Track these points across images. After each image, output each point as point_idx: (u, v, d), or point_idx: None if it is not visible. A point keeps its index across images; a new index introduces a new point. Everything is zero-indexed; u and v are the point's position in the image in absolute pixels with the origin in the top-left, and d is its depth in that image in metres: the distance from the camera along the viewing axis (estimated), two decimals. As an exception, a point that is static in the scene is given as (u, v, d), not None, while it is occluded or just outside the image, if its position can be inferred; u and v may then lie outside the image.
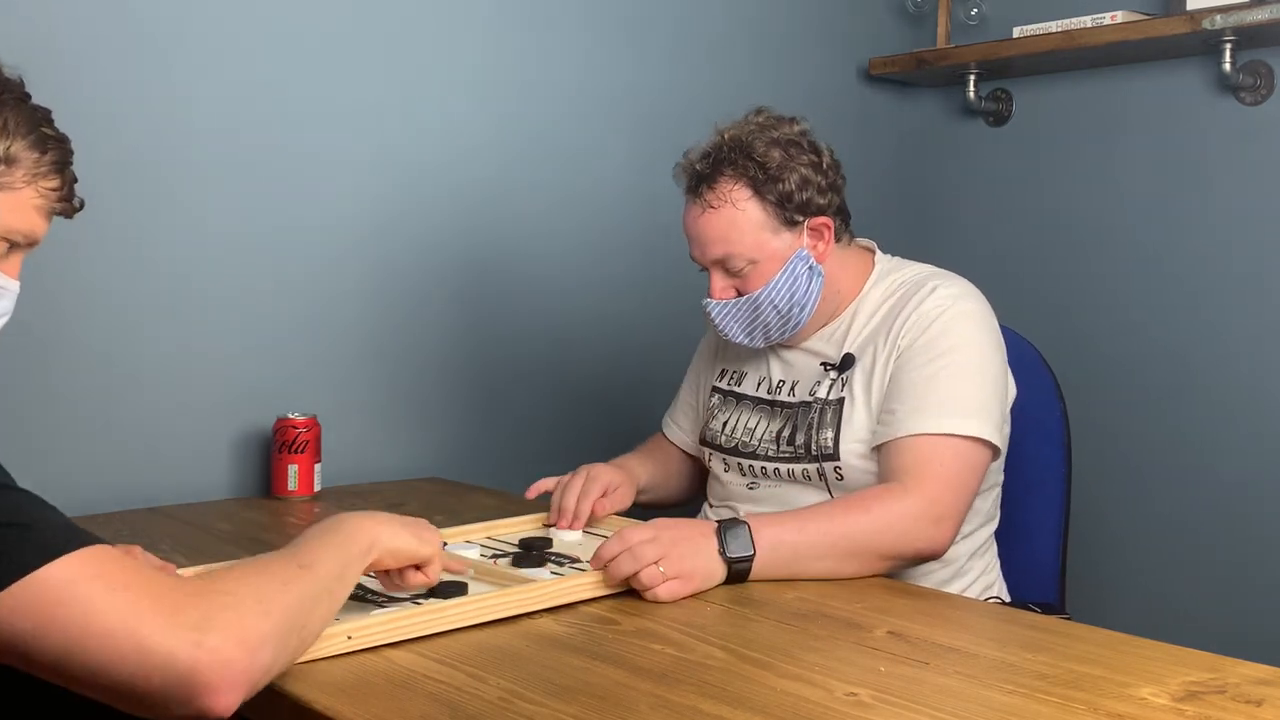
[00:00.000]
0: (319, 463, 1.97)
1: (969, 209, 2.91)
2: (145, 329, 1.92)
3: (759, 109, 1.70)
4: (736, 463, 1.76)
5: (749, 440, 1.74)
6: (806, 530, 1.44)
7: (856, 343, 1.68)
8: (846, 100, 2.85)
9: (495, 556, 1.51)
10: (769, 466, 1.71)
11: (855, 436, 1.63)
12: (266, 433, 1.99)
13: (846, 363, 1.67)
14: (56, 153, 1.18)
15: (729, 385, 1.82)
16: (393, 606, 1.26)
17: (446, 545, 1.52)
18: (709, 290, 1.67)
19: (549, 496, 1.71)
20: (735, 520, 1.43)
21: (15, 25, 1.76)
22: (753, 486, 1.74)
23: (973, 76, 2.77)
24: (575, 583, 1.34)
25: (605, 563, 1.35)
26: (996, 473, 1.72)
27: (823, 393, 1.67)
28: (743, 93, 2.04)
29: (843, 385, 1.66)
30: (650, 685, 1.07)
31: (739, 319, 1.68)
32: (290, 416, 1.96)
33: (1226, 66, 2.39)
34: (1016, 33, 2.62)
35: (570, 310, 2.41)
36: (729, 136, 1.65)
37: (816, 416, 1.66)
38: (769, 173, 1.61)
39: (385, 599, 1.29)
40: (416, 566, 1.22)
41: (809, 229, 1.65)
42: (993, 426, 1.58)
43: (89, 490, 1.84)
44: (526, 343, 2.35)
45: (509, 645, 1.19)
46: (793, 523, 1.45)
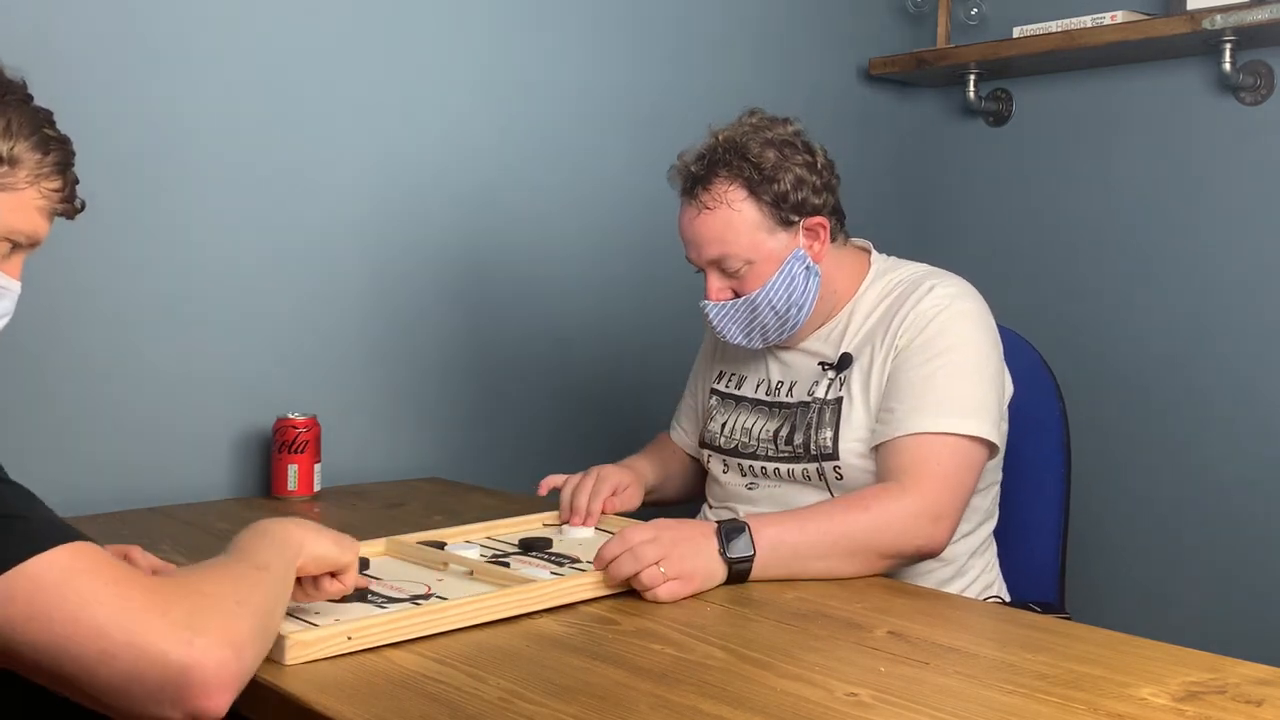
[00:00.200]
0: (319, 463, 1.97)
1: (969, 209, 2.91)
2: (146, 329, 1.92)
3: (752, 110, 1.70)
4: (736, 463, 1.76)
5: (748, 441, 1.74)
6: (806, 530, 1.45)
7: (854, 342, 1.69)
8: (846, 100, 2.85)
9: (496, 557, 1.51)
10: (768, 467, 1.71)
11: (854, 436, 1.63)
12: (266, 433, 2.00)
13: (844, 362, 1.67)
14: (59, 154, 1.18)
15: (727, 387, 1.82)
16: (393, 607, 1.26)
17: (447, 546, 1.53)
18: (706, 292, 1.67)
19: (556, 494, 1.73)
20: (735, 521, 1.43)
21: (15, 26, 1.76)
22: (752, 487, 1.74)
23: (973, 76, 2.77)
24: (575, 583, 1.34)
25: (606, 563, 1.35)
26: (995, 471, 1.72)
27: (821, 392, 1.68)
28: (743, 93, 2.04)
29: (841, 385, 1.66)
30: (650, 685, 1.08)
31: (737, 320, 1.68)
32: (290, 416, 1.96)
33: (1226, 66, 2.39)
34: (1016, 33, 2.62)
35: (571, 311, 2.41)
36: (723, 138, 1.65)
37: (815, 416, 1.66)
38: (764, 173, 1.61)
39: (385, 599, 1.30)
40: (332, 574, 1.20)
41: (804, 229, 1.65)
42: (990, 425, 1.58)
43: (89, 490, 1.84)
44: (527, 343, 2.35)
45: (509, 645, 1.19)
46: (792, 523, 1.46)
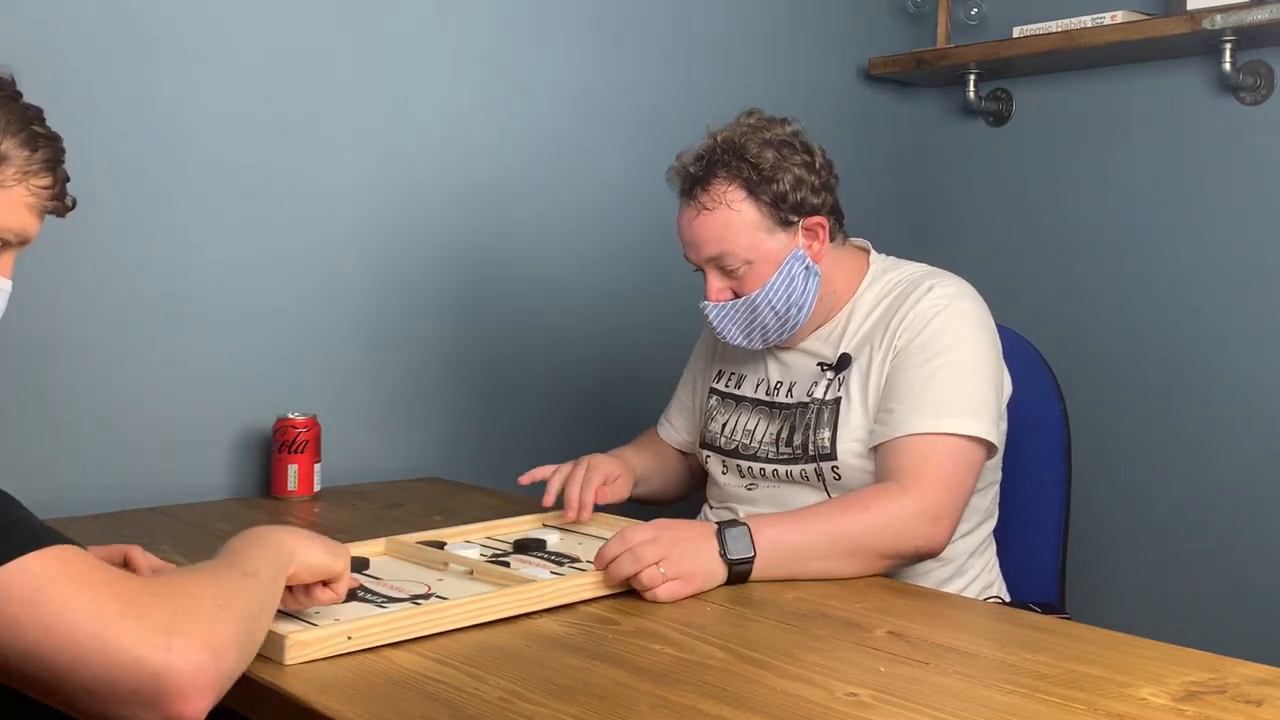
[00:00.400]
0: (319, 463, 1.97)
1: (969, 209, 2.91)
2: (145, 329, 1.92)
3: (750, 110, 1.70)
4: (735, 464, 1.76)
5: (748, 442, 1.74)
6: (806, 530, 1.45)
7: (853, 342, 1.68)
8: (846, 100, 2.85)
9: (496, 557, 1.51)
10: (767, 468, 1.71)
11: (852, 436, 1.63)
12: (266, 433, 2.00)
13: (843, 363, 1.67)
14: (48, 151, 1.17)
15: (727, 387, 1.82)
16: (393, 606, 1.26)
17: (447, 546, 1.53)
18: (706, 293, 1.67)
19: (543, 485, 1.72)
20: (735, 522, 1.43)
21: (15, 25, 1.76)
22: (751, 487, 1.74)
23: (973, 76, 2.77)
24: (575, 583, 1.34)
25: (607, 563, 1.35)
26: (994, 470, 1.72)
27: (820, 393, 1.67)
28: (743, 93, 2.04)
29: (839, 385, 1.66)
30: (650, 685, 1.07)
31: (737, 321, 1.68)
32: (290, 416, 1.96)
33: (1226, 66, 2.39)
34: (1016, 33, 2.62)
35: (571, 311, 2.41)
36: (721, 138, 1.64)
37: (814, 417, 1.66)
38: (762, 173, 1.61)
39: (385, 599, 1.29)
40: (324, 583, 1.20)
41: (803, 229, 1.65)
42: (989, 425, 1.58)
43: (89, 490, 1.84)
44: (526, 343, 2.35)
45: (509, 645, 1.19)
46: (792, 523, 1.46)
